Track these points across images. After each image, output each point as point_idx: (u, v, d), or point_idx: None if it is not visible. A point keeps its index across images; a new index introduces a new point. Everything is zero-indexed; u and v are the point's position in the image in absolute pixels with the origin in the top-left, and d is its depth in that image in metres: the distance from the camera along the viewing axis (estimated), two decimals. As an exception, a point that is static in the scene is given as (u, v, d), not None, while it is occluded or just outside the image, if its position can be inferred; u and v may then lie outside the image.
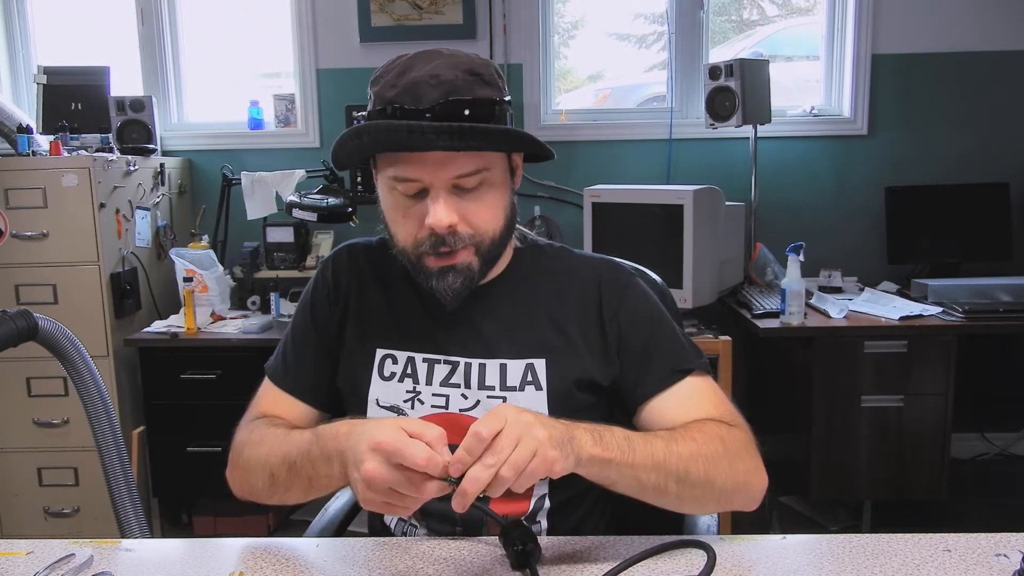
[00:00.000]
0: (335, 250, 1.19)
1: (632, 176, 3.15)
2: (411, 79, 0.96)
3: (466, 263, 1.01)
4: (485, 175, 0.99)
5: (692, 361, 1.07)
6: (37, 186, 2.61)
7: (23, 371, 2.67)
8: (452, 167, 0.96)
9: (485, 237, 1.01)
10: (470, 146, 0.94)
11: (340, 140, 1.00)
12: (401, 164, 0.97)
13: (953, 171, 3.11)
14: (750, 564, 0.90)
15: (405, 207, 1.00)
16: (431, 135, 0.91)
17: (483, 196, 1.00)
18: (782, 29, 3.51)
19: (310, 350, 1.14)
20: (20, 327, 0.99)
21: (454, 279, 1.01)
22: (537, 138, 1.01)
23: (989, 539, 0.93)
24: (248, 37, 3.40)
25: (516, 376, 1.06)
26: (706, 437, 0.95)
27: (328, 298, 1.15)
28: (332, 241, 3.12)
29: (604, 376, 1.08)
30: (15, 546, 0.98)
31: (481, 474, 0.78)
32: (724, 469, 0.94)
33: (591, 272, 1.12)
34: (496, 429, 0.80)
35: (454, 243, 0.99)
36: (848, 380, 2.52)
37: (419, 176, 0.97)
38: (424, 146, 0.93)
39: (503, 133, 0.98)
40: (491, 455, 0.79)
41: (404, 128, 0.93)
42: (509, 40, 3.16)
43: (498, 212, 1.02)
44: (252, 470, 1.02)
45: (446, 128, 0.92)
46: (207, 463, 2.63)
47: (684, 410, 1.03)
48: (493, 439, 0.79)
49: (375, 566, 0.92)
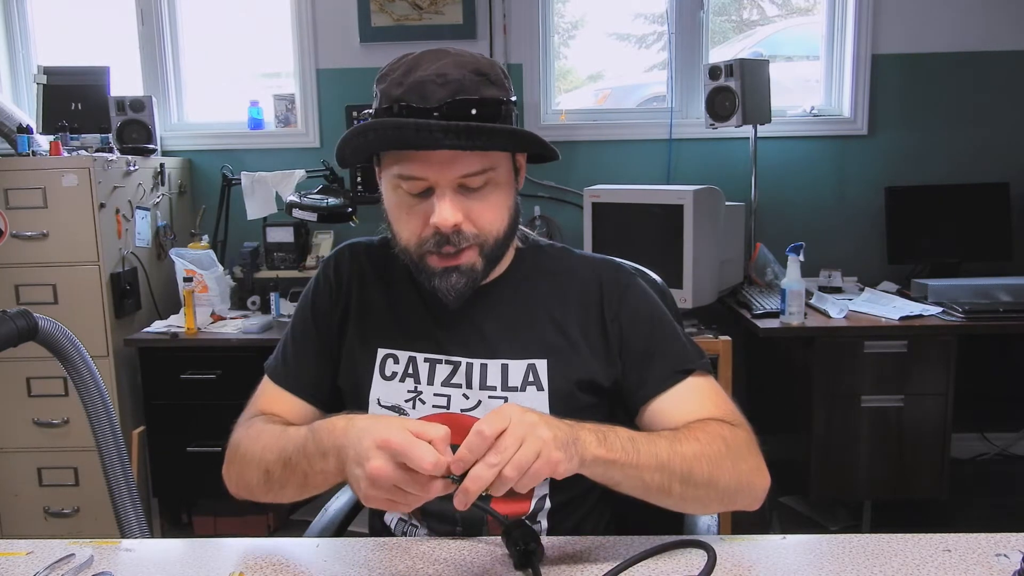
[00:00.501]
0: (337, 249, 1.19)
1: (632, 176, 3.15)
2: (417, 78, 0.96)
3: (470, 263, 1.01)
4: (490, 175, 0.99)
5: (694, 361, 1.07)
6: (37, 186, 2.61)
7: (23, 371, 2.67)
8: (458, 166, 0.96)
9: (489, 237, 1.01)
10: (477, 145, 0.94)
11: (345, 138, 1.00)
12: (407, 162, 0.97)
13: (953, 171, 3.11)
14: (750, 564, 0.90)
15: (409, 205, 1.00)
16: (438, 134, 0.91)
17: (488, 196, 1.00)
18: (782, 29, 3.51)
19: (311, 348, 1.14)
20: (20, 327, 0.99)
21: (457, 279, 1.01)
22: (543, 138, 1.01)
23: (989, 539, 0.93)
24: (248, 37, 3.40)
25: (518, 376, 1.06)
26: (709, 437, 0.95)
27: (330, 297, 1.15)
28: (332, 241, 3.12)
29: (606, 377, 1.08)
30: (15, 546, 0.98)
31: (484, 473, 0.78)
32: (727, 469, 0.94)
33: (592, 272, 1.12)
34: (500, 428, 0.79)
35: (458, 242, 0.99)
36: (848, 380, 2.52)
37: (425, 175, 0.97)
38: (431, 144, 0.93)
39: (509, 133, 0.97)
40: (494, 454, 0.78)
41: (412, 126, 0.93)
42: (509, 40, 3.16)
43: (502, 212, 1.02)
44: (247, 466, 1.02)
45: (453, 127, 0.92)
46: (207, 463, 2.62)
47: (686, 410, 1.03)
48: (497, 438, 0.79)
49: (375, 566, 0.92)
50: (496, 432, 0.79)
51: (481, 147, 0.94)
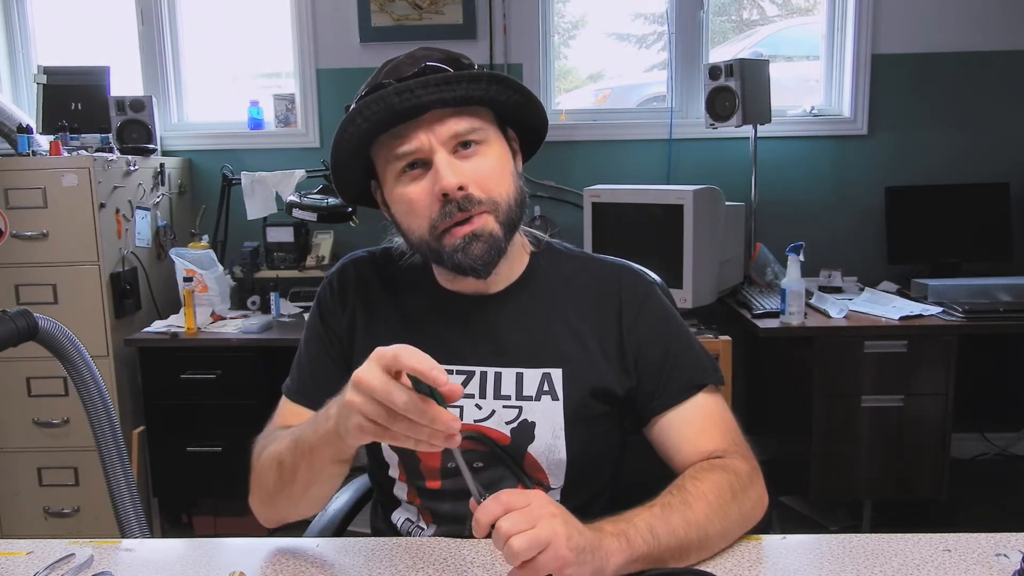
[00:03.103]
0: (339, 263, 1.17)
1: (632, 176, 3.15)
2: (389, 67, 1.01)
3: (488, 228, 0.99)
4: (482, 135, 0.99)
5: (708, 376, 1.07)
6: (37, 186, 2.61)
7: (23, 371, 2.67)
8: (447, 126, 0.97)
9: (500, 201, 1.00)
10: (458, 95, 0.95)
11: (336, 138, 1.00)
12: (398, 141, 0.98)
13: (953, 171, 3.11)
14: (750, 564, 0.90)
15: (417, 192, 0.99)
16: (419, 91, 0.94)
17: (487, 158, 1.00)
18: (782, 29, 3.51)
19: (326, 362, 1.12)
20: (20, 327, 0.99)
21: (478, 247, 0.99)
22: (525, 87, 1.02)
23: (989, 539, 0.93)
24: (248, 37, 3.40)
25: (532, 386, 1.05)
26: (716, 488, 0.94)
27: (336, 309, 1.13)
28: (332, 241, 3.12)
29: (620, 385, 1.07)
30: (15, 546, 0.97)
31: (493, 507, 0.77)
32: (734, 515, 0.94)
33: (611, 279, 1.11)
34: (521, 504, 0.78)
35: (468, 206, 0.98)
36: (848, 380, 2.52)
37: (418, 144, 0.97)
38: (414, 104, 0.94)
39: (488, 76, 0.98)
40: (506, 508, 0.77)
41: (392, 91, 0.94)
42: (509, 40, 3.16)
43: (506, 177, 1.02)
44: (265, 472, 1.00)
45: (432, 79, 0.94)
46: (207, 463, 2.63)
47: (694, 432, 1.03)
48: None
49: (375, 566, 0.92)
50: (516, 506, 0.78)
51: (463, 95, 0.96)
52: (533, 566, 0.76)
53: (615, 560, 0.82)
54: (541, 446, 1.04)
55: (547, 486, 1.07)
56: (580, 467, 1.06)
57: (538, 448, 1.04)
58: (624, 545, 0.83)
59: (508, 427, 1.05)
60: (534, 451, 1.04)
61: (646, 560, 0.85)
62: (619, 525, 0.85)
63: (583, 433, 1.05)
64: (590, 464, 1.08)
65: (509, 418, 1.05)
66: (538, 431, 1.04)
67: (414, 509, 1.11)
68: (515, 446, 1.05)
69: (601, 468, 1.12)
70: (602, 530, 0.83)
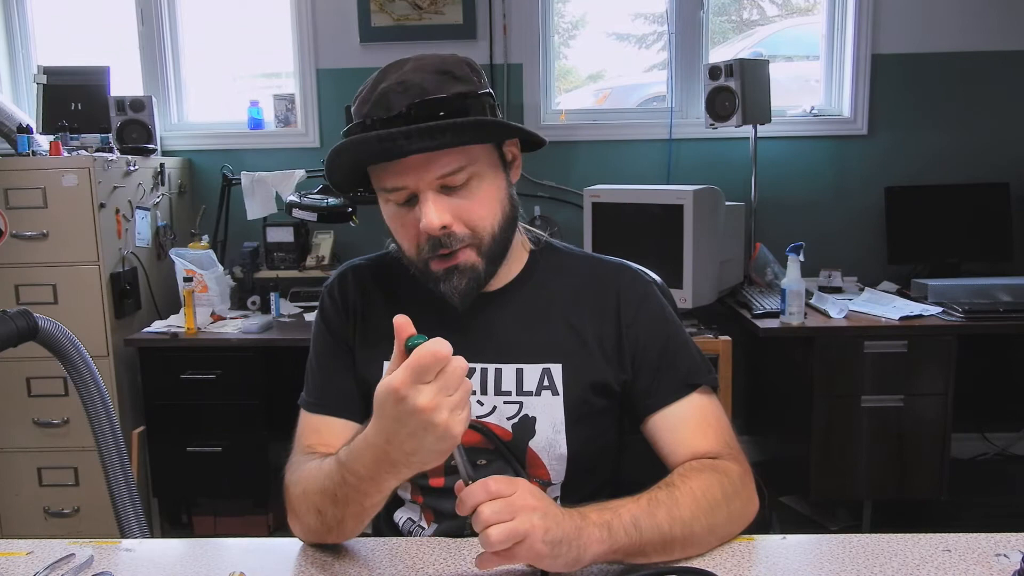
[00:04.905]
0: (338, 271, 1.18)
1: (632, 176, 3.15)
2: (381, 90, 0.97)
3: (469, 263, 1.00)
4: (471, 170, 0.98)
5: (702, 376, 1.07)
6: (37, 186, 2.61)
7: (23, 371, 2.67)
8: (433, 168, 0.96)
9: (484, 235, 1.00)
10: (443, 143, 0.93)
11: (327, 164, 1.01)
12: (385, 174, 0.98)
13: (953, 171, 3.11)
14: (750, 564, 0.90)
15: (402, 216, 1.01)
16: (401, 141, 0.92)
17: (474, 192, 0.99)
18: (782, 29, 3.51)
19: (337, 366, 1.12)
20: (20, 327, 0.99)
21: (459, 280, 1.00)
22: (518, 125, 1.01)
23: (989, 539, 0.93)
24: (248, 37, 3.40)
25: (532, 381, 1.06)
26: (706, 488, 0.94)
27: (339, 315, 1.13)
28: (332, 241, 3.12)
29: (616, 380, 1.08)
30: (15, 546, 0.98)
31: (477, 491, 0.79)
32: (722, 516, 0.94)
33: (609, 277, 1.12)
34: (507, 492, 0.80)
35: (451, 244, 0.98)
36: (848, 380, 2.52)
37: (403, 183, 0.97)
38: (397, 152, 0.93)
39: (474, 125, 0.96)
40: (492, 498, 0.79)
41: (374, 139, 0.94)
42: (509, 40, 3.16)
43: (493, 207, 1.01)
44: (302, 513, 0.97)
45: (415, 130, 0.92)
46: (207, 463, 2.63)
47: (687, 432, 1.03)
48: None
49: (375, 566, 0.92)
50: (500, 494, 0.79)
51: (449, 144, 0.94)
52: (508, 556, 0.79)
53: (593, 550, 0.83)
54: (542, 441, 1.05)
55: (548, 481, 1.07)
56: (580, 462, 1.07)
57: (539, 443, 1.06)
58: (605, 536, 0.84)
59: (509, 423, 1.06)
60: (535, 446, 1.06)
61: (626, 552, 0.86)
62: (604, 515, 0.86)
63: (583, 428, 1.06)
64: (590, 459, 1.09)
65: (510, 414, 1.06)
66: (539, 426, 1.05)
67: (416, 508, 1.11)
68: (516, 441, 1.06)
69: (601, 463, 1.13)
70: (586, 518, 0.84)
